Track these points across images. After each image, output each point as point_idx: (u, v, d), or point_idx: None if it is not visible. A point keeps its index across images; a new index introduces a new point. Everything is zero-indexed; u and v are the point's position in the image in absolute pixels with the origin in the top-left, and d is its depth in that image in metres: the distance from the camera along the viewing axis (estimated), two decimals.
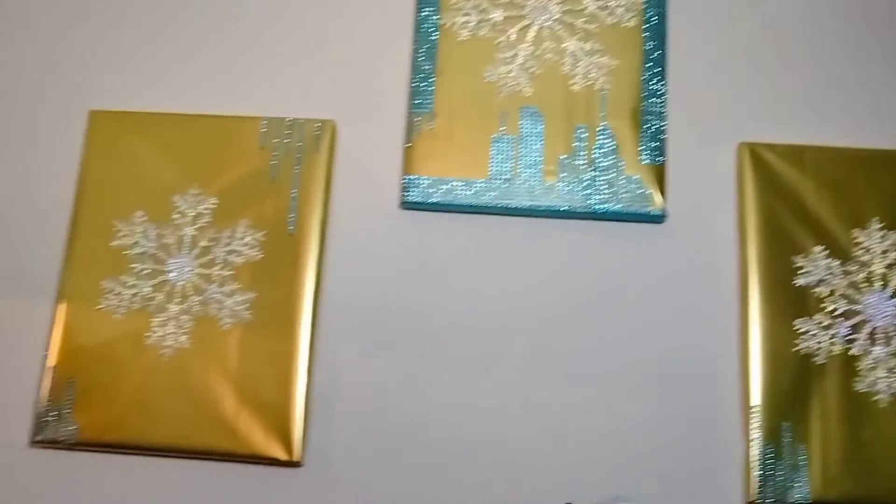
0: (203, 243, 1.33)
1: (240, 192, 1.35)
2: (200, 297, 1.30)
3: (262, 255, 1.32)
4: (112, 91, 1.42)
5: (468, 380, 1.26)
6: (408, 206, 1.33)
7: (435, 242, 1.33)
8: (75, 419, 1.27)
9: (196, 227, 1.34)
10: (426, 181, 1.32)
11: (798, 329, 1.22)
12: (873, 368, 1.20)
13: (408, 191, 1.32)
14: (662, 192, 1.29)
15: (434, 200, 1.31)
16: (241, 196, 1.34)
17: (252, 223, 1.33)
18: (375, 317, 1.30)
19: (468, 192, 1.31)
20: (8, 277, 1.35)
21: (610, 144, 1.31)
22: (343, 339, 1.29)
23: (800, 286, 1.23)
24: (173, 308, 1.30)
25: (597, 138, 1.32)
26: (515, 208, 1.30)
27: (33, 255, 1.36)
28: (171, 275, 1.32)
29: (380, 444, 1.25)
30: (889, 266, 1.23)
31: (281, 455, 1.23)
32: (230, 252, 1.32)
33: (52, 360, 1.29)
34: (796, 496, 1.16)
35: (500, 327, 1.28)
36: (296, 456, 1.23)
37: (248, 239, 1.33)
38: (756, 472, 1.17)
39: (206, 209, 1.34)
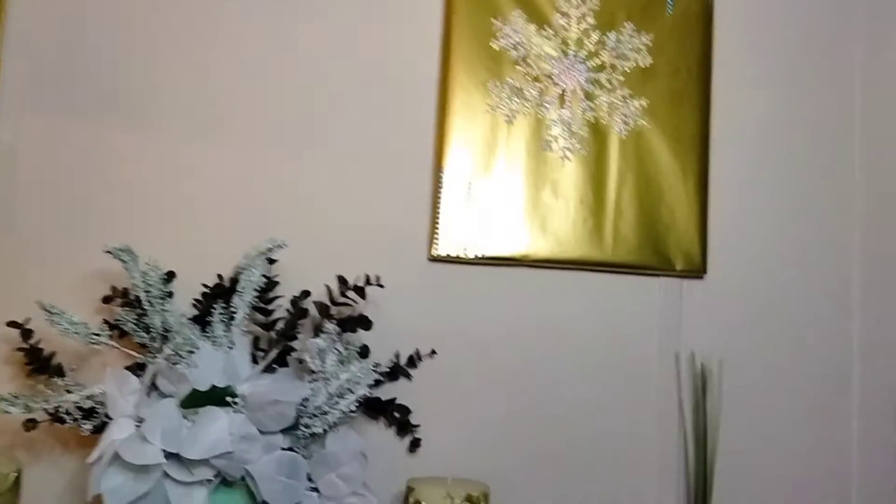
0: None
1: None
2: None
3: None
4: None
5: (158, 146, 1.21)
6: None
7: None
8: None
9: None
10: None
11: (490, 90, 1.23)
12: (554, 127, 1.24)
13: None
14: None
15: None
16: None
17: None
18: (65, 74, 1.20)
19: None
20: None
21: None
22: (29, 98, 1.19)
23: (497, 49, 1.24)
24: None
25: None
26: None
27: None
28: None
29: (70, 206, 1.19)
30: (584, 31, 1.25)
31: None
32: None
33: None
34: (477, 252, 1.22)
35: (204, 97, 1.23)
36: None
37: None
38: (440, 227, 1.21)
39: None
